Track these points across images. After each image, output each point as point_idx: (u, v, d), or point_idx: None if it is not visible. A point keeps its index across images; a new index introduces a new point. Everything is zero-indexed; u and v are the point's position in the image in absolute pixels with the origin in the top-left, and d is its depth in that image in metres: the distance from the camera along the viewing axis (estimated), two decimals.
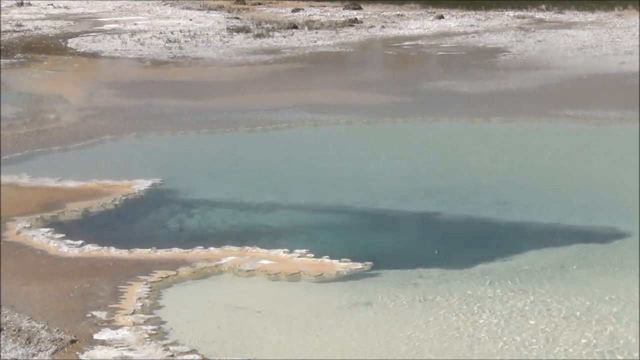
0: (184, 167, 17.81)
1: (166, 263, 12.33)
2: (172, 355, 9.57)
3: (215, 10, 50.32)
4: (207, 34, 39.59)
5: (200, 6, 52.15)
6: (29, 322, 10.28)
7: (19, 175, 16.82)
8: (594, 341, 9.82)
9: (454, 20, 43.54)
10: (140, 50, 35.77)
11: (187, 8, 51.42)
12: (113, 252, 12.82)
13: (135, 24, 44.19)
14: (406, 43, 37.17)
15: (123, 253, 12.79)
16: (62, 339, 9.87)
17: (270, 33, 39.49)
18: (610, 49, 33.07)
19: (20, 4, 52.33)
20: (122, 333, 10.09)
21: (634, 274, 11.74)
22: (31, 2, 53.17)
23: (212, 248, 12.88)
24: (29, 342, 9.83)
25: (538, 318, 10.43)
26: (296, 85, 27.50)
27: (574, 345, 9.73)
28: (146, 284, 11.52)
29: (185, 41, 37.57)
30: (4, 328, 10.14)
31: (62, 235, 13.46)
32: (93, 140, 19.96)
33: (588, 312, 10.54)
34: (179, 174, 17.23)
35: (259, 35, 38.81)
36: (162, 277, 11.78)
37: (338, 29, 41.12)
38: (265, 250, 12.76)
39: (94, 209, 14.96)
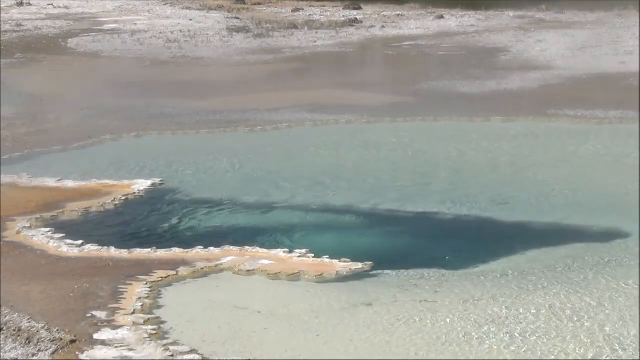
0: (184, 167, 17.81)
1: (166, 263, 12.32)
2: (172, 355, 9.56)
3: (215, 10, 50.29)
4: (207, 34, 39.59)
5: (200, 6, 52.11)
6: (29, 322, 10.28)
7: (18, 175, 16.82)
8: (595, 340, 9.82)
9: (454, 20, 43.53)
10: (140, 50, 35.77)
11: (187, 8, 51.37)
12: (113, 252, 12.82)
13: (135, 24, 44.18)
14: (406, 43, 37.16)
15: (123, 253, 12.79)
16: (62, 339, 9.87)
17: (270, 33, 39.48)
18: (610, 49, 33.07)
19: (20, 4, 52.26)
20: (122, 333, 10.09)
21: (634, 274, 11.74)
22: (31, 2, 53.10)
23: (212, 248, 12.87)
24: (29, 342, 9.82)
25: (539, 318, 10.43)
26: (296, 85, 27.48)
27: (576, 345, 9.73)
28: (146, 284, 11.51)
29: (185, 41, 37.57)
30: (4, 328, 10.13)
31: (62, 235, 13.45)
32: (93, 140, 19.96)
33: (589, 312, 10.54)
34: (179, 174, 17.24)
35: (259, 35, 38.81)
36: (162, 277, 11.77)
37: (338, 29, 41.10)
38: (265, 250, 12.76)
39: (94, 209, 14.97)
